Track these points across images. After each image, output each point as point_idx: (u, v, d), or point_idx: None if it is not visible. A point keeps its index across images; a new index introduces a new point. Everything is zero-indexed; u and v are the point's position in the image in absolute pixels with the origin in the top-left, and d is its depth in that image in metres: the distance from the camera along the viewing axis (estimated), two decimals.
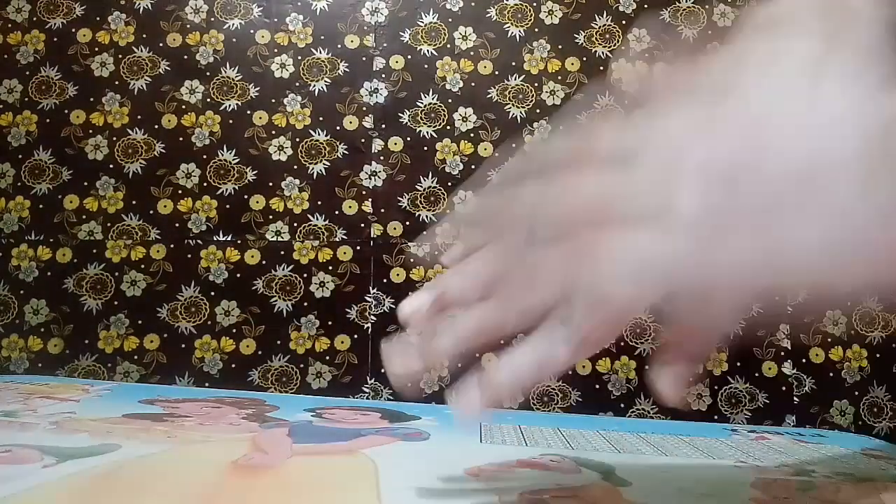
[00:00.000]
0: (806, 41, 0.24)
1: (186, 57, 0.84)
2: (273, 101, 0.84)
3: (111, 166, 0.81)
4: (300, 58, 0.85)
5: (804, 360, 0.80)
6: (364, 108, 0.85)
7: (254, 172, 0.82)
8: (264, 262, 0.80)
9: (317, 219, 0.82)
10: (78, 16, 0.84)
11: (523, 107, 0.85)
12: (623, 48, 0.83)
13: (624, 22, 0.88)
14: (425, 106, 0.85)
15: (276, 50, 0.85)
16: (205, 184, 0.82)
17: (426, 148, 0.84)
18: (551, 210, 0.26)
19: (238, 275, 0.80)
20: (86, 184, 0.81)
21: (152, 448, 0.36)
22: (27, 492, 0.27)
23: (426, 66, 0.86)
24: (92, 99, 0.82)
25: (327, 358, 0.79)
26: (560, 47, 0.87)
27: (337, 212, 0.82)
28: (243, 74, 0.84)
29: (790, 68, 0.24)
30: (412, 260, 0.81)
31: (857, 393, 0.79)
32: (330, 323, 0.80)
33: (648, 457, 0.41)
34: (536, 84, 0.86)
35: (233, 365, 0.78)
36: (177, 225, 0.80)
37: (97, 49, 0.84)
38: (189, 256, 0.80)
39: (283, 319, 0.79)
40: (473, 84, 0.86)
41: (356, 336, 0.79)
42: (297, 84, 0.85)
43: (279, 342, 0.79)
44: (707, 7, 0.88)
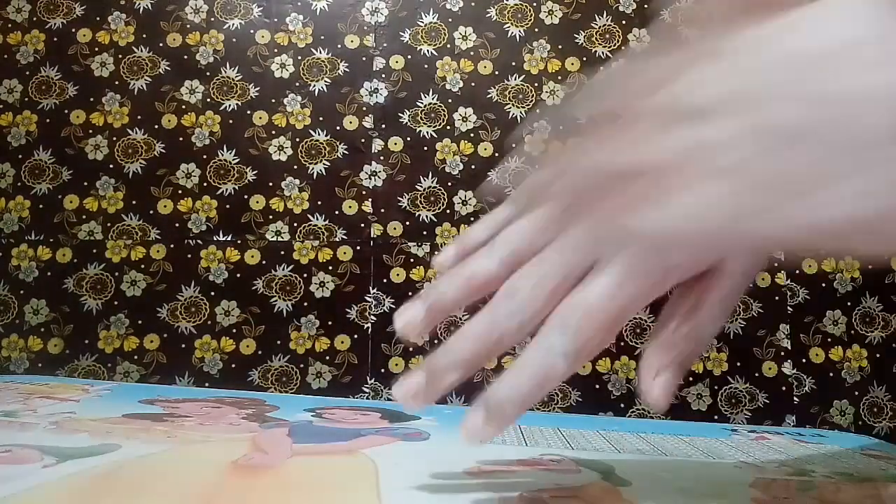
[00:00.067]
0: None
1: (186, 57, 0.84)
2: (273, 101, 0.84)
3: (111, 166, 0.81)
4: (300, 58, 0.85)
5: (804, 360, 0.80)
6: (364, 108, 0.85)
7: (254, 172, 0.82)
8: (264, 262, 0.80)
9: (317, 219, 0.82)
10: (78, 16, 0.84)
11: (523, 107, 0.85)
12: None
13: (624, 22, 0.88)
14: (425, 106, 0.85)
15: (276, 50, 0.85)
16: (205, 184, 0.82)
17: (426, 148, 0.84)
18: (623, 160, 0.24)
19: (238, 275, 0.80)
20: (86, 184, 0.81)
21: (152, 448, 0.36)
22: (27, 492, 0.27)
23: (426, 66, 0.86)
24: (92, 99, 0.82)
25: (327, 358, 0.79)
26: (560, 47, 0.87)
27: (337, 212, 0.82)
28: (243, 74, 0.84)
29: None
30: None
31: (857, 393, 0.79)
32: (330, 323, 0.80)
33: (648, 457, 0.41)
34: (536, 84, 0.86)
35: (233, 365, 0.78)
36: (177, 225, 0.80)
37: (97, 49, 0.84)
38: (189, 256, 0.80)
39: (283, 319, 0.79)
40: (473, 84, 0.86)
41: (356, 336, 0.79)
42: (297, 84, 0.84)
43: (279, 342, 0.79)
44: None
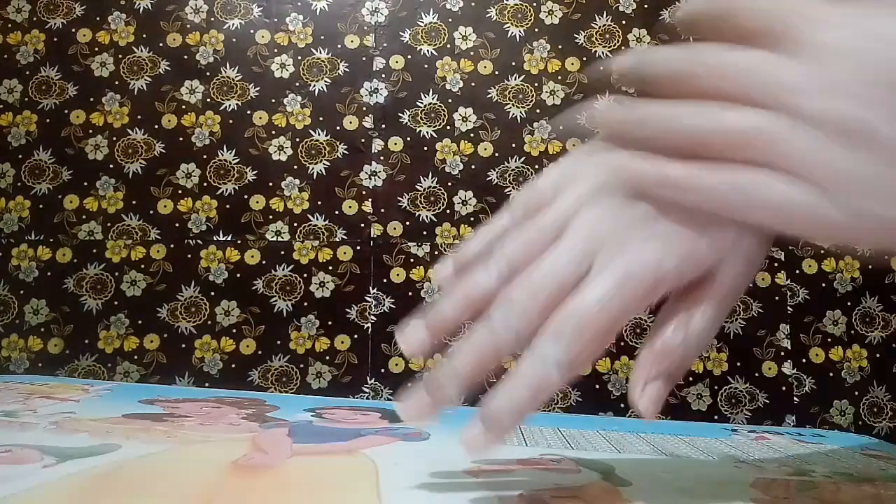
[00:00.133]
0: None
1: (186, 57, 0.84)
2: (273, 101, 0.84)
3: (111, 166, 0.81)
4: (300, 58, 0.85)
5: (804, 360, 0.80)
6: (364, 108, 0.85)
7: (254, 172, 0.82)
8: (264, 262, 0.80)
9: (317, 219, 0.82)
10: (78, 16, 0.84)
11: (523, 107, 0.85)
12: None
13: (624, 22, 0.88)
14: (425, 106, 0.85)
15: (276, 50, 0.85)
16: (205, 184, 0.82)
17: (426, 148, 0.84)
18: (709, 131, 0.24)
19: (238, 275, 0.80)
20: (86, 184, 0.81)
21: (152, 448, 0.36)
22: (27, 492, 0.27)
23: (426, 66, 0.86)
24: (92, 99, 0.82)
25: (327, 358, 0.79)
26: (560, 47, 0.87)
27: (337, 212, 0.82)
28: (243, 74, 0.84)
29: None
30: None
31: (857, 393, 0.79)
32: (330, 323, 0.80)
33: (648, 457, 0.41)
34: (536, 84, 0.86)
35: (233, 365, 0.78)
36: (177, 225, 0.80)
37: (97, 49, 0.84)
38: (189, 256, 0.80)
39: (283, 319, 0.79)
40: (473, 84, 0.86)
41: (356, 336, 0.79)
42: (297, 84, 0.84)
43: (279, 342, 0.79)
44: None
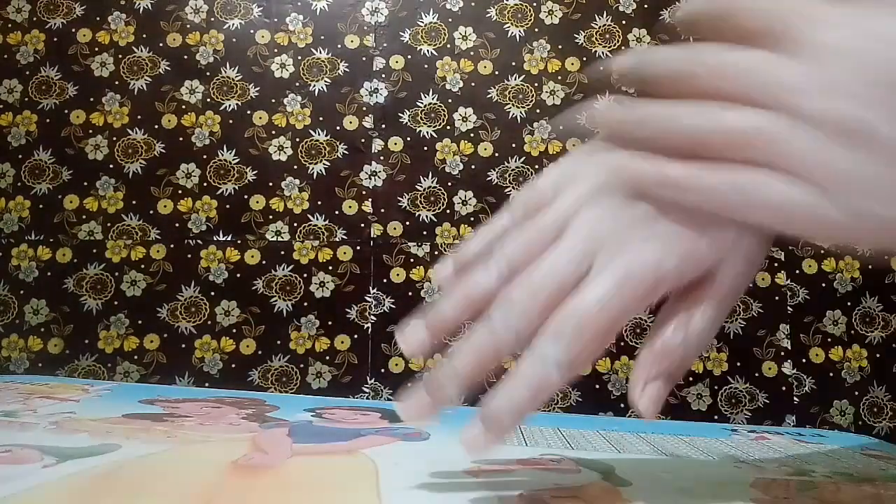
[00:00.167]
0: None
1: (186, 57, 0.84)
2: (273, 101, 0.84)
3: (111, 166, 0.81)
4: (300, 58, 0.85)
5: (804, 360, 0.80)
6: (364, 108, 0.85)
7: (254, 172, 0.82)
8: (264, 262, 0.80)
9: (317, 219, 0.82)
10: (78, 16, 0.84)
11: (523, 107, 0.85)
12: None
13: (624, 22, 0.88)
14: (425, 106, 0.85)
15: (276, 50, 0.85)
16: (205, 184, 0.82)
17: (426, 148, 0.84)
18: (708, 131, 0.24)
19: (238, 275, 0.80)
20: (86, 184, 0.81)
21: (152, 448, 0.36)
22: (27, 492, 0.27)
23: (426, 66, 0.86)
24: (92, 99, 0.82)
25: (327, 358, 0.79)
26: (560, 47, 0.87)
27: (337, 212, 0.82)
28: (243, 74, 0.84)
29: None
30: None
31: (857, 393, 0.79)
32: (330, 323, 0.80)
33: (648, 457, 0.41)
34: (536, 84, 0.86)
35: (233, 365, 0.78)
36: (177, 225, 0.80)
37: (97, 49, 0.84)
38: (189, 256, 0.80)
39: (283, 319, 0.79)
40: (473, 84, 0.86)
41: (356, 336, 0.79)
42: (297, 84, 0.84)
43: (279, 342, 0.79)
44: None
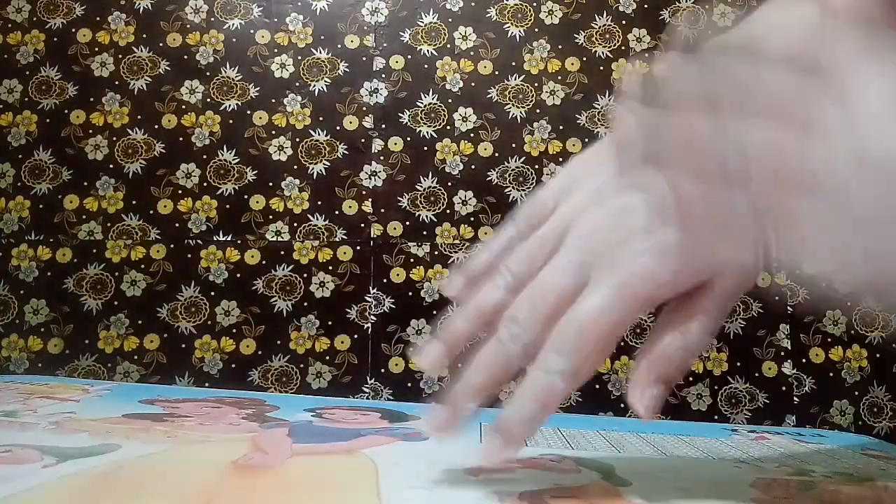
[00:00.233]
0: None
1: (186, 57, 0.84)
2: (273, 101, 0.84)
3: (111, 166, 0.81)
4: (300, 58, 0.85)
5: (804, 360, 0.80)
6: (364, 108, 0.85)
7: (254, 172, 0.82)
8: (264, 262, 0.80)
9: (317, 219, 0.82)
10: (78, 16, 0.84)
11: (523, 107, 0.85)
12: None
13: (624, 22, 0.88)
14: (425, 106, 0.85)
15: (276, 50, 0.85)
16: (205, 184, 0.82)
17: (426, 148, 0.84)
18: (730, 148, 0.24)
19: (238, 275, 0.80)
20: (86, 184, 0.81)
21: (152, 448, 0.36)
22: (27, 492, 0.27)
23: (426, 66, 0.86)
24: (92, 99, 0.82)
25: (327, 358, 0.79)
26: (560, 47, 0.87)
27: (337, 212, 0.82)
28: (243, 74, 0.84)
29: None
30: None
31: (857, 393, 0.79)
32: (330, 323, 0.80)
33: (648, 457, 0.41)
34: (536, 84, 0.86)
35: (233, 365, 0.78)
36: (177, 225, 0.80)
37: (97, 49, 0.84)
38: (189, 256, 0.80)
39: (283, 319, 0.79)
40: (473, 84, 0.86)
41: (356, 336, 0.79)
42: (297, 84, 0.85)
43: (279, 342, 0.79)
44: (707, 7, 0.88)
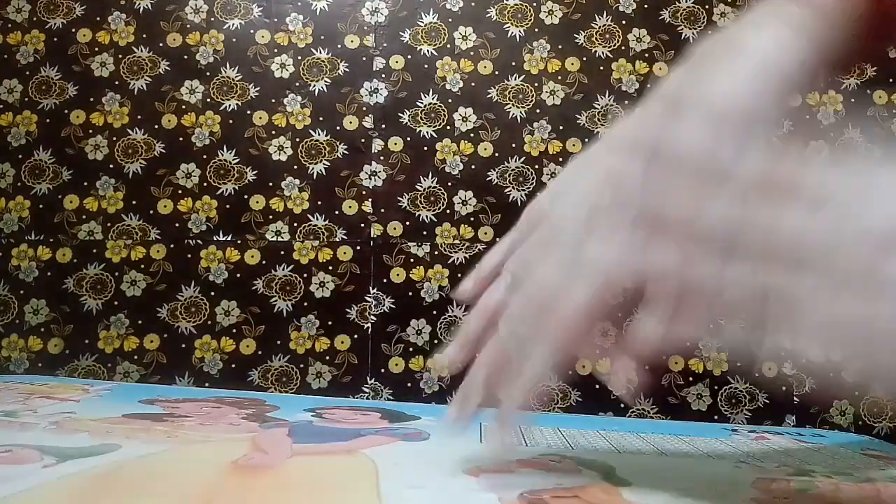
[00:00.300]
0: None
1: (186, 57, 0.84)
2: (273, 101, 0.84)
3: (111, 166, 0.81)
4: (300, 58, 0.85)
5: (804, 360, 0.80)
6: (364, 108, 0.85)
7: (254, 172, 0.82)
8: (264, 262, 0.80)
9: (317, 219, 0.82)
10: (78, 16, 0.84)
11: (523, 107, 0.85)
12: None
13: (624, 22, 0.88)
14: (425, 106, 0.85)
15: (276, 50, 0.85)
16: (205, 184, 0.82)
17: (426, 148, 0.84)
18: (748, 233, 0.25)
19: (238, 275, 0.80)
20: (86, 184, 0.81)
21: (152, 448, 0.36)
22: (27, 492, 0.27)
23: (426, 66, 0.86)
24: (92, 99, 0.82)
25: (327, 358, 0.79)
26: (560, 47, 0.87)
27: (337, 212, 0.82)
28: (243, 74, 0.84)
29: None
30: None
31: (857, 393, 0.79)
32: (330, 323, 0.80)
33: (648, 457, 0.41)
34: (536, 84, 0.86)
35: (233, 365, 0.78)
36: (177, 225, 0.80)
37: (97, 49, 0.84)
38: (189, 256, 0.80)
39: (283, 319, 0.79)
40: (473, 84, 0.86)
41: (356, 336, 0.79)
42: (297, 84, 0.84)
43: (279, 342, 0.79)
44: (707, 7, 0.88)
